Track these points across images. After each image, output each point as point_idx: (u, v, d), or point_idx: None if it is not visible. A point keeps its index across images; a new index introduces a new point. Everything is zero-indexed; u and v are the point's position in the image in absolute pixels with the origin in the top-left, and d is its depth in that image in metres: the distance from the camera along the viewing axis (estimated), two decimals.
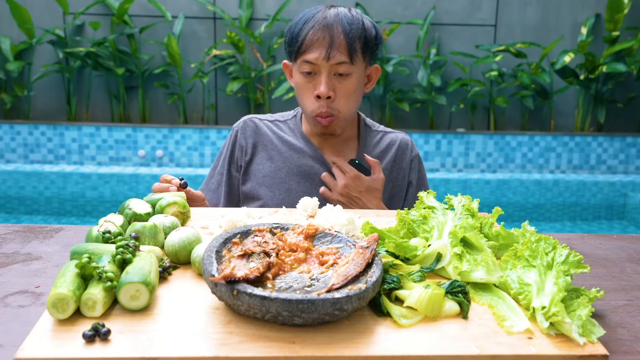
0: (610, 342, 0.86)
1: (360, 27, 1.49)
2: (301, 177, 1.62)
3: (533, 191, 4.80)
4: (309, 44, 1.48)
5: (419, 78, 5.00)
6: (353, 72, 1.51)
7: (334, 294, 0.80)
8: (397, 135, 1.73)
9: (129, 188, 4.65)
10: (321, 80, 1.49)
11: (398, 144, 1.71)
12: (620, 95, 5.31)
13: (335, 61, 1.47)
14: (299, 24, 1.51)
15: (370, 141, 1.69)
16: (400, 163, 1.70)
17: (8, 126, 4.92)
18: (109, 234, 1.03)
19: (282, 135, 1.67)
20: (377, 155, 1.67)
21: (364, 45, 1.51)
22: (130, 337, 0.78)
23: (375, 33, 1.54)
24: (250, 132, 1.68)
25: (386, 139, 1.71)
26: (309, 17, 1.50)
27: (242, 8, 5.04)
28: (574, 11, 5.22)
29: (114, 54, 4.93)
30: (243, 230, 1.00)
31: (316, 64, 1.48)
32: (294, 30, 1.51)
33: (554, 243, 0.94)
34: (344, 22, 1.47)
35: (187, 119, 5.20)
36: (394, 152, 1.70)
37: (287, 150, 1.64)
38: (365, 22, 1.52)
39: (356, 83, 1.53)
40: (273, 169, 1.63)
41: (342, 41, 1.47)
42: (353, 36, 1.48)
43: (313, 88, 1.51)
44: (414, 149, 1.73)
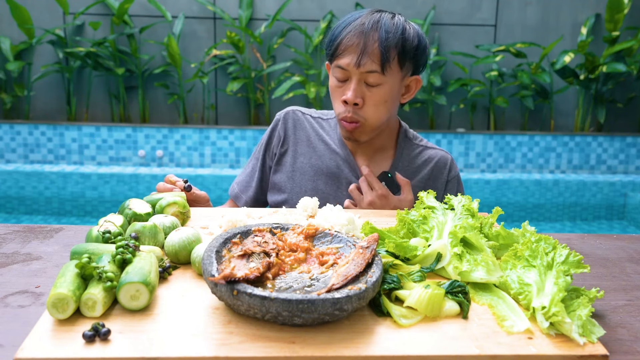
0: (610, 342, 0.86)
1: (398, 35, 1.43)
2: (329, 177, 1.61)
3: (533, 191, 4.80)
4: (343, 49, 1.45)
5: None
6: (384, 82, 1.45)
7: (334, 294, 0.80)
8: (437, 153, 1.66)
9: (129, 188, 4.65)
10: (350, 86, 1.45)
11: (436, 161, 1.64)
12: (620, 95, 5.31)
13: (365, 69, 1.43)
14: (340, 26, 1.48)
15: (407, 154, 1.64)
16: (435, 182, 1.63)
17: (8, 126, 4.92)
18: (109, 234, 1.03)
19: (320, 132, 1.66)
20: (412, 170, 1.62)
21: (400, 55, 1.45)
22: (130, 337, 0.78)
23: (417, 42, 1.48)
24: (291, 124, 1.67)
25: (424, 155, 1.65)
26: (349, 22, 1.47)
27: (242, 8, 5.04)
28: (574, 11, 5.22)
29: (114, 54, 4.93)
30: (243, 230, 1.00)
31: (347, 69, 1.45)
32: (335, 32, 1.49)
33: (554, 243, 0.94)
34: (381, 30, 1.42)
35: (187, 119, 5.20)
36: (430, 170, 1.63)
37: (321, 149, 1.63)
38: (407, 30, 1.46)
39: (387, 93, 1.47)
40: (304, 165, 1.63)
41: (376, 49, 1.42)
42: (388, 45, 1.42)
43: (342, 93, 1.48)
44: (452, 168, 1.66)
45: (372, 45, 1.42)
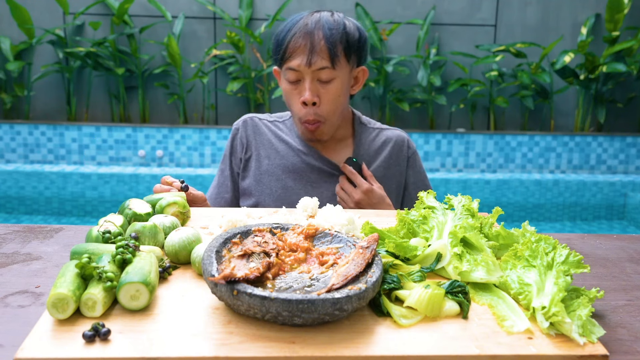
0: (610, 342, 0.86)
1: (341, 30, 1.51)
2: (297, 174, 1.64)
3: (533, 191, 4.79)
4: (292, 51, 1.50)
5: (419, 78, 5.00)
6: (336, 77, 1.52)
7: (334, 294, 0.80)
8: (393, 132, 1.74)
9: (129, 188, 4.65)
10: (305, 86, 1.51)
11: (394, 141, 1.72)
12: (620, 95, 5.31)
13: (316, 67, 1.49)
14: (283, 31, 1.54)
15: (366, 139, 1.70)
16: (397, 160, 1.71)
17: (8, 126, 4.92)
18: (109, 234, 1.03)
19: (279, 134, 1.70)
20: (372, 153, 1.69)
21: (346, 48, 1.52)
22: (130, 337, 0.78)
23: (358, 35, 1.55)
24: (250, 130, 1.71)
25: (382, 136, 1.72)
26: (292, 25, 1.53)
27: (242, 8, 5.04)
28: (574, 11, 5.22)
29: (114, 54, 4.93)
30: (243, 230, 1.00)
31: (299, 70, 1.51)
32: (279, 38, 1.54)
33: (554, 243, 0.94)
34: (324, 28, 1.49)
35: (187, 119, 5.20)
36: (390, 150, 1.70)
37: (284, 149, 1.67)
38: (347, 25, 1.53)
39: (340, 87, 1.54)
40: (270, 166, 1.66)
41: (323, 46, 1.49)
42: (334, 40, 1.49)
43: (299, 94, 1.54)
44: (410, 145, 1.74)
45: (319, 43, 1.49)
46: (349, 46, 1.53)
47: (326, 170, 1.65)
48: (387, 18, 5.15)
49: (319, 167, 1.64)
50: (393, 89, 5.13)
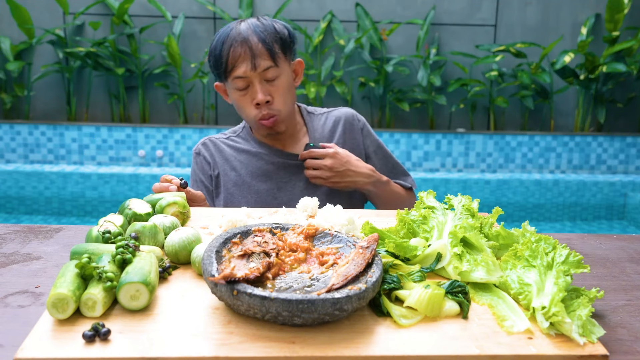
0: (610, 342, 0.86)
1: (273, 31, 1.61)
2: (265, 177, 1.71)
3: (533, 191, 4.79)
4: (234, 61, 1.57)
5: (419, 78, 5.00)
6: (280, 73, 1.61)
7: (334, 294, 0.80)
8: (340, 111, 1.83)
9: (129, 188, 4.65)
10: (256, 89, 1.59)
11: (344, 118, 1.80)
12: (620, 95, 5.31)
13: (262, 68, 1.57)
14: (217, 46, 1.60)
15: (317, 124, 1.79)
16: (352, 134, 1.79)
17: (8, 126, 4.92)
18: (109, 234, 1.03)
19: (238, 146, 1.76)
20: (327, 134, 1.77)
21: (281, 46, 1.61)
22: (130, 337, 0.78)
23: (287, 32, 1.65)
24: (212, 149, 1.77)
25: (331, 118, 1.81)
26: (225, 38, 1.59)
27: (242, 8, 5.04)
28: (574, 11, 5.22)
29: (114, 54, 4.93)
30: (243, 230, 1.00)
31: (246, 76, 1.58)
32: (216, 53, 1.61)
33: (554, 243, 0.94)
34: (257, 32, 1.58)
35: (187, 119, 5.20)
36: (342, 127, 1.78)
37: (246, 158, 1.73)
38: (276, 26, 1.64)
39: (286, 82, 1.63)
40: (238, 178, 1.72)
41: (262, 49, 1.57)
42: (270, 41, 1.58)
43: (250, 99, 1.61)
44: (359, 118, 1.83)
45: (257, 46, 1.57)
46: (284, 44, 1.62)
47: (292, 164, 1.71)
48: (387, 18, 5.15)
49: (283, 163, 1.71)
50: (393, 89, 5.13)
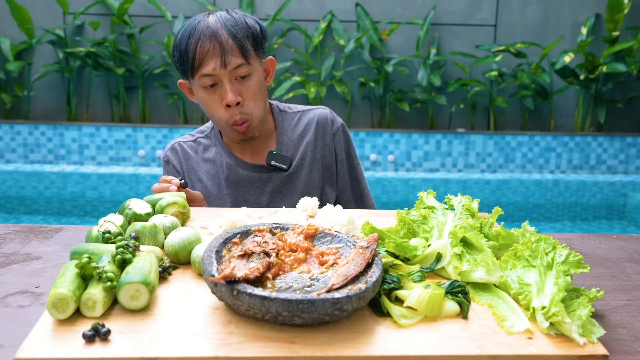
0: (610, 342, 0.86)
1: (244, 26, 1.48)
2: (232, 188, 1.63)
3: (533, 191, 4.79)
4: (202, 57, 1.44)
5: (419, 78, 5.00)
6: (252, 72, 1.49)
7: (334, 294, 0.80)
8: (315, 112, 1.70)
9: (129, 188, 4.65)
10: (226, 89, 1.46)
11: (317, 121, 1.68)
12: (620, 95, 5.31)
13: (232, 66, 1.45)
14: (183, 40, 1.47)
15: (288, 125, 1.68)
16: (324, 139, 1.68)
17: (8, 126, 4.92)
18: (109, 234, 1.03)
19: (205, 154, 1.67)
20: (296, 138, 1.67)
21: (254, 43, 1.49)
22: (130, 337, 0.78)
23: (259, 28, 1.53)
24: (181, 156, 1.68)
25: (304, 119, 1.69)
26: (191, 31, 1.46)
27: (242, 8, 5.04)
28: (574, 11, 5.22)
29: (114, 54, 4.93)
30: (243, 230, 1.00)
31: (215, 74, 1.45)
32: (181, 47, 1.47)
33: (554, 243, 0.94)
34: (228, 26, 1.45)
35: (187, 119, 5.20)
36: (314, 131, 1.67)
37: (212, 168, 1.65)
38: (247, 20, 1.51)
39: (258, 81, 1.52)
40: (205, 190, 1.65)
41: (233, 45, 1.44)
42: (241, 37, 1.45)
43: (219, 98, 1.49)
44: (335, 121, 1.70)
45: (227, 42, 1.44)
46: (255, 40, 1.50)
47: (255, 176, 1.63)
48: (387, 18, 5.15)
49: (247, 175, 1.63)
50: (393, 89, 5.13)
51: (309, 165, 1.66)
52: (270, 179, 1.64)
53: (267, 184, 1.63)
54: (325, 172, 1.68)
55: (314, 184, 1.66)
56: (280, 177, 1.64)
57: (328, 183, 1.69)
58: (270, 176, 1.63)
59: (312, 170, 1.66)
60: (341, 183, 1.71)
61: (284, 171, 1.63)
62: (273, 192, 1.63)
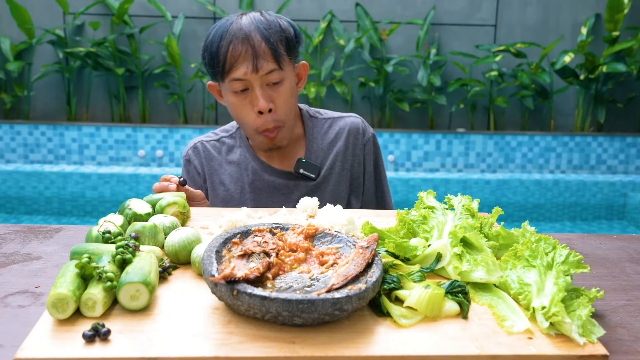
0: (610, 342, 0.86)
1: (278, 29, 1.43)
2: (254, 194, 1.59)
3: (533, 191, 4.79)
4: (233, 61, 1.40)
5: (419, 78, 5.00)
6: (285, 77, 1.45)
7: (334, 294, 0.80)
8: (346, 121, 1.66)
9: (129, 188, 4.65)
10: (257, 94, 1.42)
11: (348, 129, 1.64)
12: (620, 95, 5.31)
13: (264, 71, 1.40)
14: (214, 41, 1.42)
15: (318, 132, 1.63)
16: (354, 149, 1.64)
17: (8, 126, 4.92)
18: (109, 234, 1.03)
19: (229, 156, 1.63)
20: (326, 146, 1.62)
21: (287, 47, 1.45)
22: (130, 337, 0.78)
23: (294, 31, 1.48)
24: (203, 157, 1.63)
25: (335, 127, 1.65)
26: (223, 32, 1.41)
27: (242, 8, 5.04)
28: (574, 11, 5.22)
29: (114, 54, 4.93)
30: (243, 230, 1.00)
31: (246, 79, 1.41)
32: (212, 49, 1.43)
33: (554, 243, 0.94)
34: (261, 29, 1.40)
35: (187, 119, 5.20)
36: (345, 140, 1.63)
37: (236, 171, 1.60)
38: (281, 23, 1.46)
39: (290, 87, 1.47)
40: (227, 193, 1.60)
41: (265, 48, 1.40)
42: (274, 41, 1.41)
43: (250, 104, 1.44)
44: (366, 131, 1.66)
45: (260, 46, 1.39)
46: (289, 44, 1.45)
47: (282, 183, 1.59)
48: (387, 18, 5.15)
49: (274, 181, 1.58)
50: (393, 89, 5.13)
51: (338, 175, 1.61)
52: (296, 187, 1.59)
53: (293, 192, 1.58)
54: (352, 182, 1.64)
55: (341, 194, 1.61)
56: (307, 186, 1.59)
57: (354, 194, 1.65)
58: (297, 184, 1.59)
59: (340, 180, 1.62)
60: (367, 195, 1.67)
61: (312, 180, 1.59)
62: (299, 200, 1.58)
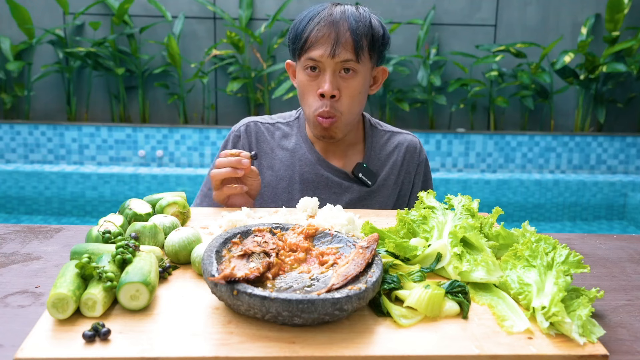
0: (610, 342, 0.86)
1: (367, 24, 1.44)
2: (304, 185, 1.56)
3: (533, 191, 4.80)
4: (314, 41, 1.41)
5: (419, 78, 5.00)
6: (359, 71, 1.44)
7: (334, 294, 0.80)
8: (405, 138, 1.67)
9: (129, 188, 4.65)
10: (325, 78, 1.42)
11: (406, 146, 1.65)
12: (620, 95, 5.31)
13: (340, 59, 1.41)
14: (304, 20, 1.45)
15: (377, 142, 1.64)
16: (408, 167, 1.65)
17: (8, 126, 4.92)
18: (109, 234, 1.03)
19: (283, 142, 1.60)
20: (384, 157, 1.63)
21: (370, 44, 1.45)
22: (130, 337, 0.78)
23: (382, 32, 1.49)
24: (253, 137, 1.61)
25: (394, 141, 1.65)
26: (314, 14, 1.44)
27: (242, 8, 5.04)
28: (574, 11, 5.22)
29: (114, 54, 4.93)
30: (243, 230, 1.00)
31: (321, 61, 1.42)
32: (299, 27, 1.45)
33: (554, 243, 0.94)
34: (350, 19, 1.42)
35: (187, 119, 5.20)
36: (402, 156, 1.64)
37: (288, 158, 1.58)
38: (372, 20, 1.47)
39: (362, 83, 1.46)
40: (275, 179, 1.57)
41: (349, 38, 1.41)
42: (360, 33, 1.41)
43: (317, 86, 1.44)
44: (422, 152, 1.68)
45: (344, 34, 1.41)
46: (374, 41, 1.45)
47: (335, 181, 1.56)
48: (387, 18, 5.15)
49: (326, 178, 1.56)
50: (393, 89, 5.13)
51: (389, 188, 1.61)
52: (349, 189, 1.57)
53: (345, 193, 1.56)
54: (399, 199, 1.64)
55: (387, 207, 1.61)
56: (360, 191, 1.58)
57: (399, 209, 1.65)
58: (350, 186, 1.57)
59: (390, 194, 1.61)
60: None
61: (367, 187, 1.58)
62: (348, 203, 1.56)
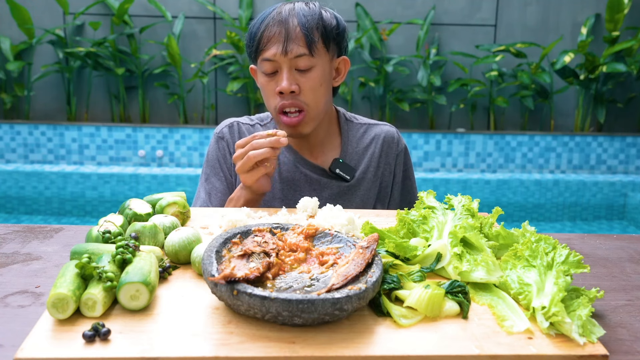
0: (610, 342, 0.86)
1: (316, 17, 1.44)
2: (284, 184, 1.57)
3: (533, 191, 4.80)
4: (266, 41, 1.42)
5: (419, 78, 5.00)
6: (315, 65, 1.44)
7: (334, 294, 0.80)
8: (382, 128, 1.66)
9: (129, 188, 4.65)
10: (282, 76, 1.42)
11: (383, 137, 1.64)
12: (620, 95, 5.31)
13: (293, 54, 1.41)
14: (256, 24, 1.47)
15: (353, 136, 1.64)
16: (387, 158, 1.64)
17: (8, 126, 4.92)
18: (109, 234, 1.03)
19: None
20: (361, 150, 1.62)
21: (323, 36, 1.44)
22: (130, 337, 0.78)
23: (336, 23, 1.48)
24: (236, 137, 1.61)
25: (370, 133, 1.65)
26: (265, 16, 1.46)
27: (242, 8, 5.04)
28: (574, 11, 5.22)
29: (114, 54, 4.93)
30: (243, 230, 1.00)
31: (275, 60, 1.42)
32: (252, 30, 1.47)
33: (554, 243, 0.94)
34: (299, 15, 1.42)
35: (187, 119, 5.20)
36: (380, 147, 1.63)
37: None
38: (323, 13, 1.47)
39: (321, 76, 1.45)
40: None
41: (299, 33, 1.41)
42: (310, 27, 1.41)
43: (275, 85, 1.44)
44: (400, 142, 1.67)
45: (294, 30, 1.41)
46: (327, 33, 1.45)
47: (314, 178, 1.57)
48: (387, 18, 5.15)
49: (305, 174, 1.57)
50: (393, 89, 5.13)
51: (369, 181, 1.61)
52: (328, 185, 1.57)
53: (324, 190, 1.57)
54: (380, 190, 1.64)
55: (369, 200, 1.61)
56: (340, 187, 1.58)
57: (380, 202, 1.64)
58: (329, 182, 1.57)
59: (370, 186, 1.61)
60: (392, 204, 1.66)
61: (346, 182, 1.58)
62: (328, 199, 1.56)
